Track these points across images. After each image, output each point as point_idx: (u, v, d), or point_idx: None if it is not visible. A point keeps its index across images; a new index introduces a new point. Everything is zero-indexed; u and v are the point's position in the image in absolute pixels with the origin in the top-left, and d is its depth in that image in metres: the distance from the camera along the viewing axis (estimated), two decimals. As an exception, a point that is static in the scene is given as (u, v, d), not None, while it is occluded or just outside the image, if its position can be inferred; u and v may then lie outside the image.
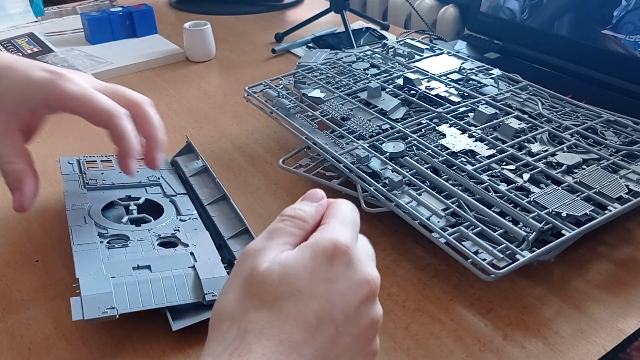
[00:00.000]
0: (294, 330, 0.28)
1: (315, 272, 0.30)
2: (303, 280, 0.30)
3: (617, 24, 0.67)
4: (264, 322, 0.29)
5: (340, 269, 0.30)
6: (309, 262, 0.30)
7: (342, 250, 0.31)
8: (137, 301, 0.39)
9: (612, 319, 0.41)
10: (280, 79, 0.68)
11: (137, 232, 0.45)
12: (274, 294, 0.29)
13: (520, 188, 0.47)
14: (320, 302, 0.29)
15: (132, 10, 0.96)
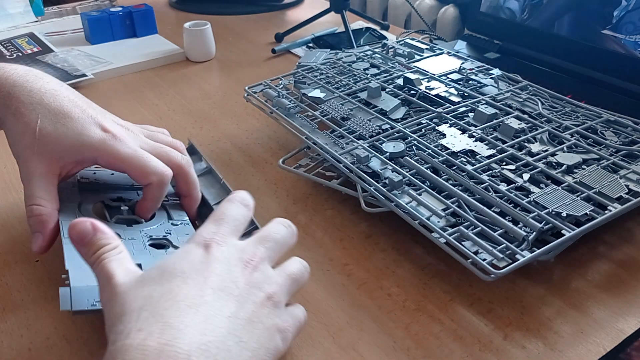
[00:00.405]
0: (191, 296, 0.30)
1: (193, 257, 0.33)
2: (183, 265, 0.32)
3: (617, 24, 0.67)
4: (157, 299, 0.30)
5: (217, 251, 0.33)
6: (184, 252, 0.33)
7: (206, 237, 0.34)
8: None
9: (612, 319, 0.41)
10: (280, 79, 0.68)
11: (128, 232, 0.45)
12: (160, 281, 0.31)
13: (520, 188, 0.47)
14: (208, 275, 0.32)
15: (132, 10, 0.96)
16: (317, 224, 0.51)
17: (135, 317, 0.29)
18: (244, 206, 0.39)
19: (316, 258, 0.47)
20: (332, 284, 0.45)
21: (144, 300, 0.30)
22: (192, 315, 0.29)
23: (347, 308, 0.42)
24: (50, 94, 0.43)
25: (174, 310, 0.29)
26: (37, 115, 0.42)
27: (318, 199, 0.55)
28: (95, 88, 0.81)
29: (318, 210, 0.53)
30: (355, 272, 0.46)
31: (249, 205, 0.39)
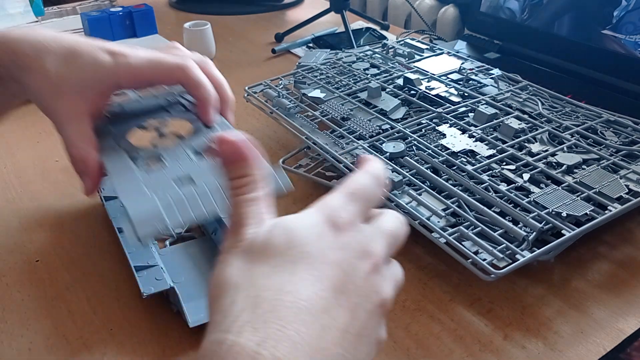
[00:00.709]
0: (312, 297, 0.25)
1: (321, 236, 0.28)
2: (312, 244, 0.27)
3: (617, 24, 0.67)
4: (278, 288, 0.25)
5: (345, 238, 0.28)
6: (313, 228, 0.28)
7: (343, 221, 0.29)
8: (188, 214, 0.36)
9: (612, 319, 0.41)
10: (280, 79, 0.68)
11: (170, 150, 0.43)
12: (285, 258, 0.27)
13: (520, 188, 0.47)
14: (332, 268, 0.27)
15: (132, 10, 0.96)
16: (317, 224, 0.51)
17: (251, 308, 0.25)
18: (379, 186, 0.32)
19: (316, 258, 0.47)
20: (332, 284, 0.45)
21: (265, 281, 0.26)
22: (309, 324, 0.25)
23: (347, 308, 0.42)
24: (52, 39, 0.43)
25: (293, 312, 0.25)
26: (47, 62, 0.42)
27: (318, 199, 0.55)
28: (95, 88, 0.81)
29: (318, 210, 0.53)
30: (355, 272, 0.46)
31: (383, 185, 0.33)
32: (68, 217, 0.53)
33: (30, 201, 0.55)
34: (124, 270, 0.45)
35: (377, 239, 0.30)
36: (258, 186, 0.31)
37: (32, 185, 0.57)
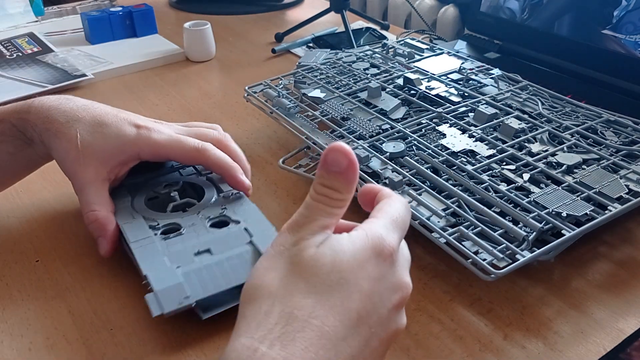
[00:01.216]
0: (336, 324, 0.27)
1: (363, 265, 0.29)
2: (352, 272, 0.29)
3: (617, 24, 0.67)
4: (310, 310, 0.27)
5: (385, 268, 0.30)
6: (359, 254, 0.29)
7: (388, 251, 0.31)
8: (209, 286, 0.39)
9: (612, 319, 0.41)
10: (280, 79, 0.68)
11: (187, 218, 0.45)
12: (324, 280, 0.28)
13: (520, 188, 0.47)
14: (363, 299, 0.29)
15: (132, 10, 0.96)
16: (317, 224, 0.51)
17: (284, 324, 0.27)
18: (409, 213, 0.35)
19: (316, 258, 0.47)
20: (332, 284, 0.45)
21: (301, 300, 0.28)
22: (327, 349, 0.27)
23: (347, 308, 0.42)
24: (83, 109, 0.47)
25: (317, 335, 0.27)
26: (76, 130, 0.45)
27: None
28: (95, 88, 0.81)
29: (318, 210, 0.53)
30: (355, 272, 0.46)
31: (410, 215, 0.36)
32: (68, 217, 0.53)
33: (30, 201, 0.55)
34: (124, 271, 0.45)
35: (407, 267, 0.33)
36: (339, 212, 0.32)
37: (32, 185, 0.57)
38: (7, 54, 0.90)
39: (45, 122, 0.46)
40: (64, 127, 0.45)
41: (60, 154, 0.46)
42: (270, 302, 0.28)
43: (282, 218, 0.52)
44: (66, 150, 0.45)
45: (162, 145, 0.46)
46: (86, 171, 0.45)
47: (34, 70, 0.83)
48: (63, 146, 0.45)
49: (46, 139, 0.46)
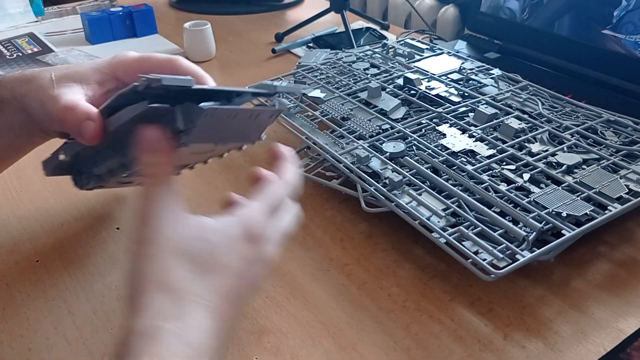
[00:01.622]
0: (218, 301, 0.32)
1: (237, 251, 0.34)
2: (227, 257, 0.33)
3: (617, 24, 0.67)
4: (196, 292, 0.32)
5: (256, 251, 0.34)
6: (233, 242, 0.34)
7: (259, 237, 0.35)
8: None
9: (612, 319, 0.41)
10: (281, 79, 0.68)
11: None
12: (202, 267, 0.32)
13: (520, 188, 0.47)
14: (235, 277, 0.33)
15: (132, 10, 0.96)
16: (317, 224, 0.51)
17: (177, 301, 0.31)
18: (294, 195, 0.39)
19: (316, 258, 0.47)
20: (332, 284, 0.45)
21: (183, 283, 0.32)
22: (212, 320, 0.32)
23: (347, 308, 0.42)
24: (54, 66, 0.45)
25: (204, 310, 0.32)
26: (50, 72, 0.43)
27: (318, 199, 0.55)
28: (95, 88, 0.81)
29: (318, 210, 0.53)
30: (355, 272, 0.46)
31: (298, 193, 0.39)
32: (68, 217, 0.53)
33: (30, 201, 0.55)
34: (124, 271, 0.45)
35: (279, 241, 0.37)
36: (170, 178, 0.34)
37: (32, 185, 0.57)
38: (7, 54, 0.90)
39: (17, 76, 0.43)
40: (37, 73, 0.43)
41: (33, 92, 0.42)
42: (161, 289, 0.31)
43: (282, 218, 0.53)
44: (40, 85, 0.42)
45: (135, 59, 0.43)
46: (61, 91, 0.41)
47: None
48: (36, 84, 0.42)
49: (18, 87, 0.43)
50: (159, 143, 0.34)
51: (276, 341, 0.40)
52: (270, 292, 0.44)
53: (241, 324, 0.41)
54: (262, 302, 0.43)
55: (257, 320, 0.41)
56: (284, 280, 0.45)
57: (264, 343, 0.40)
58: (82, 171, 0.45)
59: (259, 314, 0.42)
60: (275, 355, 0.39)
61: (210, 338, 0.32)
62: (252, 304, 0.43)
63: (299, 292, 0.44)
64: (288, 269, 0.46)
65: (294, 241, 0.49)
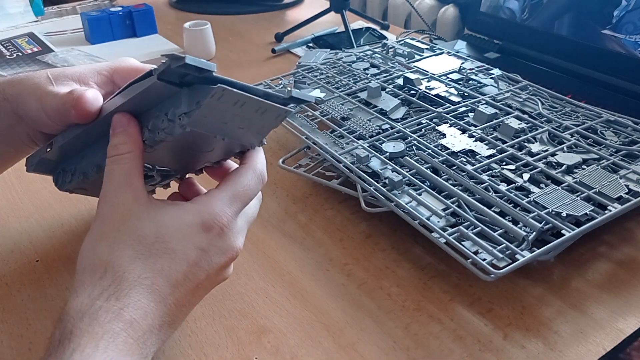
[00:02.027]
0: (163, 283, 0.32)
1: (190, 238, 0.33)
2: (178, 243, 0.33)
3: (617, 24, 0.67)
4: (139, 273, 0.32)
5: (214, 240, 0.34)
6: (186, 228, 0.33)
7: (219, 226, 0.34)
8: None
9: (612, 319, 0.41)
10: (280, 79, 0.68)
11: None
12: (149, 249, 0.32)
13: (520, 188, 0.47)
14: (189, 266, 0.33)
15: (132, 10, 0.96)
16: (317, 224, 0.51)
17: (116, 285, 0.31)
18: (261, 183, 0.38)
19: (316, 258, 0.47)
20: (332, 284, 0.45)
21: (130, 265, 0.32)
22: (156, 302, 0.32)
23: (347, 308, 0.42)
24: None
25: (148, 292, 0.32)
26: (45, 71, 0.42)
27: (318, 199, 0.55)
28: (95, 88, 0.81)
29: (318, 210, 0.53)
30: (355, 272, 0.46)
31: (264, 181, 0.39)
32: (68, 217, 0.53)
33: (30, 201, 0.55)
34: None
35: (243, 231, 0.37)
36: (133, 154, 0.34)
37: (32, 185, 0.57)
38: (7, 54, 0.90)
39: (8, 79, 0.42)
40: (31, 74, 0.41)
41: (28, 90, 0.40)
42: (103, 268, 0.32)
43: (282, 218, 0.53)
44: (36, 84, 0.40)
45: (135, 67, 0.42)
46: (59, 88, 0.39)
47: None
48: (32, 82, 0.40)
49: (9, 89, 0.41)
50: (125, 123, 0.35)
51: (276, 341, 0.40)
52: (270, 292, 0.44)
53: (241, 323, 0.41)
54: (262, 302, 0.43)
55: (257, 320, 0.41)
56: (284, 280, 0.45)
57: (264, 343, 0.40)
58: (66, 169, 0.43)
59: (258, 314, 0.42)
60: (275, 355, 0.39)
61: (153, 320, 0.32)
62: (252, 304, 0.43)
63: (298, 292, 0.44)
64: (288, 269, 0.46)
65: (294, 241, 0.49)
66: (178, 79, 0.32)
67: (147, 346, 0.31)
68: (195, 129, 0.33)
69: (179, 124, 0.32)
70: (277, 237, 0.50)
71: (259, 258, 0.48)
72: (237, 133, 0.36)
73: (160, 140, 0.34)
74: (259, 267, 0.46)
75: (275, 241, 0.49)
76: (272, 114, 0.36)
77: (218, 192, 0.35)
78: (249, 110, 0.35)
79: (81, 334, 0.29)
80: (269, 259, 0.47)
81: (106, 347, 0.29)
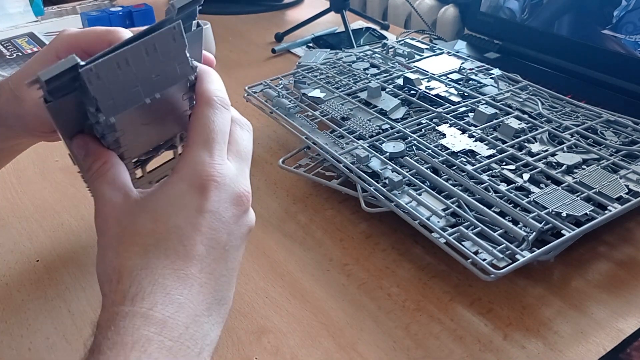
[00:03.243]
0: (184, 265, 0.29)
1: (187, 206, 0.30)
2: (177, 217, 0.30)
3: (617, 24, 0.67)
4: (155, 264, 0.29)
5: (214, 196, 0.31)
6: (179, 199, 0.31)
7: (209, 180, 0.31)
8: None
9: (612, 319, 0.41)
10: (280, 79, 0.68)
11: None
12: (152, 236, 0.30)
13: (520, 188, 0.47)
14: (202, 233, 0.30)
15: (132, 10, 0.96)
16: (317, 224, 0.52)
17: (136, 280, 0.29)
18: (226, 109, 0.34)
19: (316, 258, 0.47)
20: (332, 284, 0.45)
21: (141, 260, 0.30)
22: (189, 287, 0.30)
23: (347, 308, 0.42)
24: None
25: (173, 280, 0.29)
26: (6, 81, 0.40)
27: (318, 199, 0.55)
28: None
29: (318, 210, 0.53)
30: (355, 272, 0.46)
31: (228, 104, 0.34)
32: (68, 217, 0.53)
33: (30, 201, 0.55)
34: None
35: (241, 170, 0.33)
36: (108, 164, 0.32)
37: (32, 185, 0.57)
38: (7, 54, 0.90)
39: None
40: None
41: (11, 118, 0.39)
42: (117, 274, 0.29)
43: (282, 218, 0.53)
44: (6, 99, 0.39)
45: (71, 37, 0.39)
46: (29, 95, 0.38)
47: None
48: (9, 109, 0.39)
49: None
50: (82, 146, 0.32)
51: (276, 341, 0.40)
52: (270, 292, 0.44)
53: (241, 323, 0.41)
54: (262, 302, 0.43)
55: (257, 320, 0.41)
56: (284, 280, 0.45)
57: (264, 343, 0.40)
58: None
59: (258, 314, 0.42)
60: (275, 355, 0.39)
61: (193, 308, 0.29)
62: (252, 304, 0.43)
63: (298, 292, 0.44)
64: (288, 269, 0.46)
65: (294, 241, 0.49)
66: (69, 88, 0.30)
67: (196, 340, 0.29)
68: (118, 113, 0.31)
69: (102, 122, 0.31)
70: (277, 237, 0.50)
71: (259, 258, 0.48)
72: (158, 83, 0.32)
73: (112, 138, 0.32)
74: (259, 267, 0.46)
75: (275, 241, 0.49)
76: (164, 42, 0.32)
77: (190, 147, 0.32)
78: (140, 59, 0.31)
79: (111, 346, 0.27)
80: (269, 259, 0.47)
81: (138, 358, 0.27)
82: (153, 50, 0.31)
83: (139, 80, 0.31)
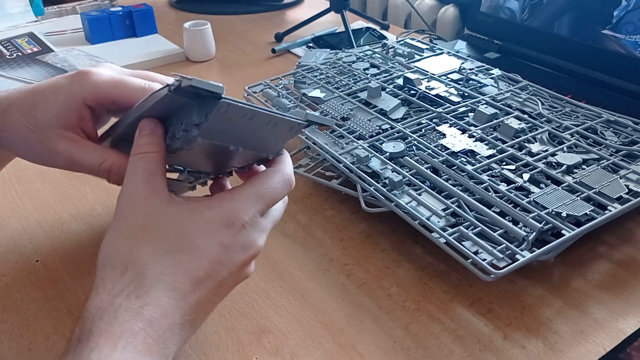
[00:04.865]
0: (184, 281, 0.32)
1: (212, 234, 0.33)
2: (199, 239, 0.32)
3: (617, 24, 0.67)
4: (160, 269, 0.31)
5: (235, 236, 0.34)
6: (208, 224, 0.33)
7: (240, 223, 0.34)
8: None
9: (612, 319, 0.41)
10: (280, 79, 0.68)
11: None
12: (170, 245, 0.32)
13: (520, 188, 0.47)
14: (211, 262, 0.33)
15: (132, 10, 0.96)
16: (317, 224, 0.51)
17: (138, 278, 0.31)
18: (288, 189, 0.38)
19: (316, 258, 0.47)
20: (332, 284, 0.45)
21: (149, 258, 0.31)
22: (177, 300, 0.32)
23: (347, 308, 0.42)
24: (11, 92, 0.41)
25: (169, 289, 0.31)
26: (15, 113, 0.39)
27: (318, 199, 0.55)
28: (95, 88, 0.81)
29: (318, 210, 0.53)
30: (355, 272, 0.46)
31: (292, 186, 0.39)
32: (68, 217, 0.53)
33: (30, 201, 0.55)
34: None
35: (266, 230, 0.36)
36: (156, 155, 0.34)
37: (32, 185, 0.57)
38: (7, 53, 0.90)
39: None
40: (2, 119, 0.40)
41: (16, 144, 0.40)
42: (124, 265, 0.31)
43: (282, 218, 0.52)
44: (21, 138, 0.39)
45: (103, 86, 0.39)
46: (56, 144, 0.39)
47: (34, 70, 0.83)
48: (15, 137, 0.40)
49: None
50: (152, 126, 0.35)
51: (276, 341, 0.40)
52: (270, 292, 0.44)
53: (241, 323, 0.41)
54: (262, 302, 0.43)
55: (257, 320, 0.41)
56: (284, 280, 0.45)
57: (264, 343, 0.40)
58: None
59: (258, 314, 0.42)
60: (275, 355, 0.39)
61: (174, 319, 0.31)
62: (252, 304, 0.43)
63: (298, 292, 0.44)
64: (288, 269, 0.46)
65: (294, 241, 0.49)
66: (189, 96, 0.33)
67: (167, 346, 0.31)
68: (206, 140, 0.33)
69: (191, 135, 0.33)
70: (277, 237, 0.50)
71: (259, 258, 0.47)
72: (251, 144, 0.36)
73: (177, 148, 0.35)
74: (259, 267, 0.46)
75: (275, 241, 0.49)
76: (284, 127, 0.37)
77: (242, 190, 0.35)
78: (259, 124, 0.35)
79: (100, 333, 0.29)
80: (269, 259, 0.47)
81: (124, 347, 0.29)
82: (272, 126, 0.36)
83: (243, 133, 0.35)
